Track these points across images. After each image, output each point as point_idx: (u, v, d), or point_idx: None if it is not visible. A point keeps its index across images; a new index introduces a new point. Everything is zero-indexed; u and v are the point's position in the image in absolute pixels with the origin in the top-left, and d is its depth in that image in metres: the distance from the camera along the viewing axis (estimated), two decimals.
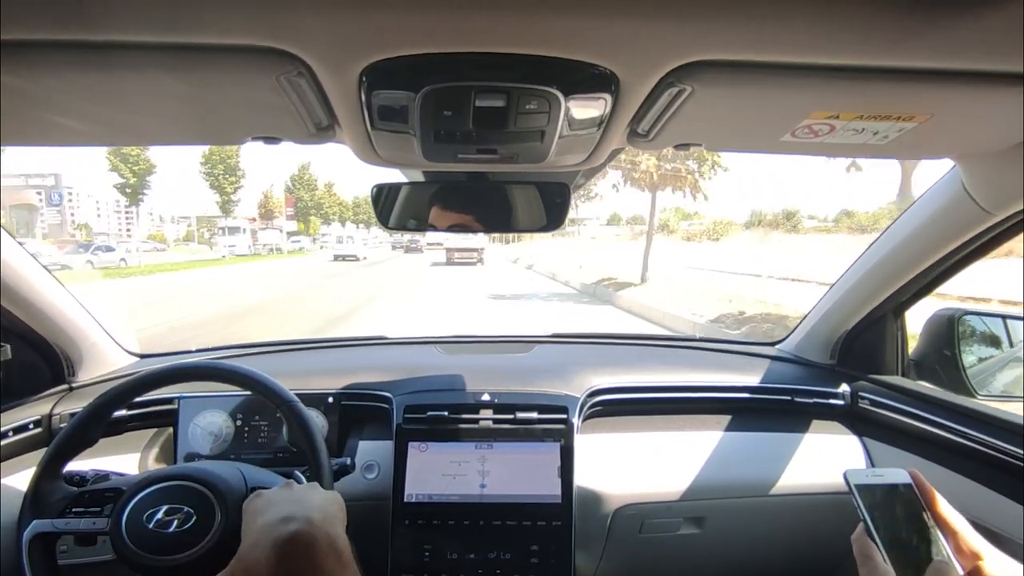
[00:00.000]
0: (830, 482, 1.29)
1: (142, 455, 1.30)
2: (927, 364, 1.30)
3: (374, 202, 1.05)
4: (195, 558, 0.83)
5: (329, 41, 0.53)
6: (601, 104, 0.65)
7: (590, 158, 0.86)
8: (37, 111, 0.67)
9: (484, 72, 0.59)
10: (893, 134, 0.73)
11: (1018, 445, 1.01)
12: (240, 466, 0.96)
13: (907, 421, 1.24)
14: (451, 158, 0.82)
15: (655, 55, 0.56)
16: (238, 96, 0.65)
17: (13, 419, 1.21)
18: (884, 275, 1.25)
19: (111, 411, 0.96)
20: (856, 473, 0.63)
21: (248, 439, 1.32)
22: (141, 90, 0.63)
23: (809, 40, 0.54)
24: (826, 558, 1.38)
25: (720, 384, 1.43)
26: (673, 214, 15.45)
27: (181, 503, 0.87)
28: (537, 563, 1.16)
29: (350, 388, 1.36)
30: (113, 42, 0.54)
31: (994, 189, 0.93)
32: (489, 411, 1.26)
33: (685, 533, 1.31)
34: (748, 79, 0.60)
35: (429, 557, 1.17)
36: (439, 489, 1.20)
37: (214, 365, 1.02)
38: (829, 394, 1.40)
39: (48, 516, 0.86)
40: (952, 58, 0.56)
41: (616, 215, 75.30)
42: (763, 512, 1.33)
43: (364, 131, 0.74)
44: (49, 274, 1.24)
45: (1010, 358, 1.31)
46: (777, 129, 0.75)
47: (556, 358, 1.54)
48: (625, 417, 1.39)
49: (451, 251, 24.01)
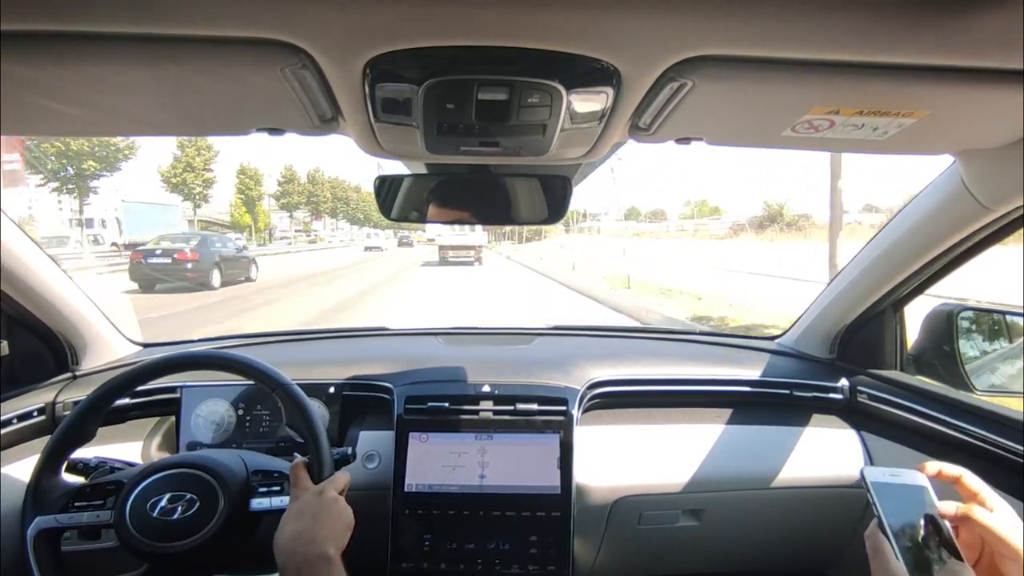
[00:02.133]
0: (828, 476, 1.30)
1: (145, 443, 1.31)
2: (926, 359, 1.31)
3: (377, 194, 1.05)
4: (200, 543, 0.84)
5: (334, 34, 0.54)
6: (603, 98, 0.66)
7: (591, 151, 0.86)
8: (40, 100, 0.67)
9: (487, 66, 0.59)
10: (893, 130, 0.73)
11: (1016, 440, 1.02)
12: (241, 453, 0.98)
13: (905, 416, 1.25)
14: (454, 150, 0.82)
15: (656, 50, 0.57)
16: (242, 88, 0.66)
17: (17, 407, 1.22)
18: (883, 270, 1.25)
19: (111, 402, 0.96)
20: (874, 471, 0.63)
21: (250, 428, 1.33)
22: (145, 81, 0.64)
23: (810, 36, 0.54)
24: (823, 550, 1.40)
25: (720, 377, 1.44)
26: (697, 209, 13.76)
27: (184, 490, 0.88)
28: (536, 553, 1.18)
29: (352, 379, 1.37)
30: (117, 33, 0.54)
31: (993, 185, 0.93)
32: (489, 402, 1.27)
33: (683, 525, 1.32)
34: (749, 74, 0.61)
35: (429, 547, 1.18)
36: (439, 479, 1.21)
37: (211, 353, 1.03)
38: (828, 388, 1.41)
39: (51, 512, 0.87)
40: (952, 55, 0.57)
41: (634, 209, 73.15)
42: (761, 505, 1.34)
43: (368, 123, 0.74)
44: (53, 262, 1.25)
45: (1008, 354, 1.32)
46: (778, 124, 0.75)
47: (556, 350, 1.55)
48: (625, 409, 1.40)
49: (445, 249, 21.00)
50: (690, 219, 35.33)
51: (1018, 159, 0.83)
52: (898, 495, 0.61)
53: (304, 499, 0.83)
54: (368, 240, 45.75)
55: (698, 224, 33.67)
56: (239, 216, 43.63)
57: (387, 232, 61.00)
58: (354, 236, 64.35)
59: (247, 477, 0.93)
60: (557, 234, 37.68)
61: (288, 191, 51.42)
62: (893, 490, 0.61)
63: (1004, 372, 1.30)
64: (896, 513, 0.59)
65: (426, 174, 1.06)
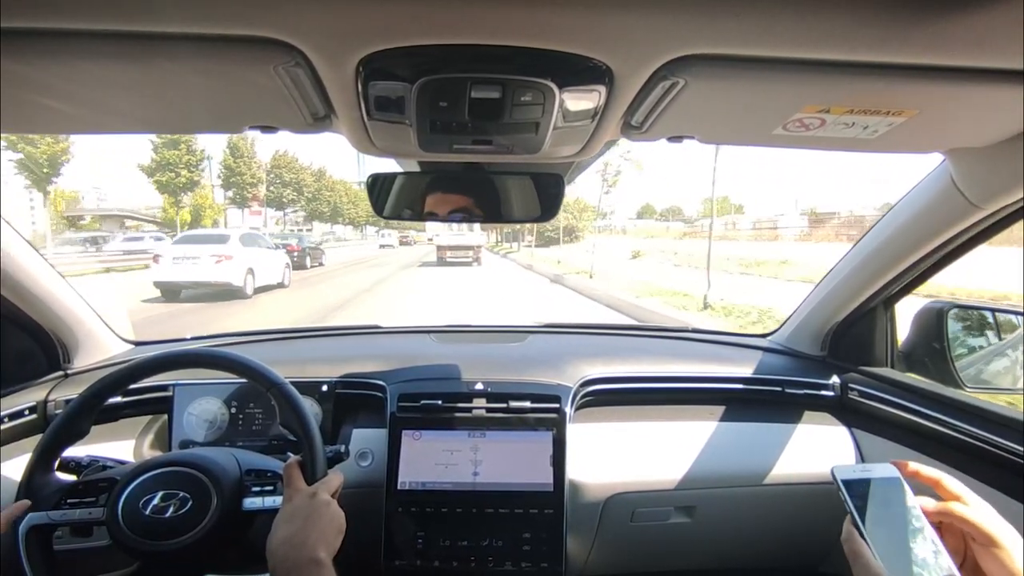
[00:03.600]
0: (820, 472, 1.31)
1: (137, 442, 1.31)
2: (916, 356, 1.32)
3: (369, 192, 1.05)
4: (193, 541, 0.84)
5: (327, 32, 0.54)
6: (595, 96, 0.66)
7: (584, 149, 0.87)
8: (37, 98, 0.67)
9: (480, 64, 0.60)
10: (883, 128, 0.74)
11: (1005, 437, 1.03)
12: (234, 451, 0.97)
13: (896, 412, 1.26)
14: (447, 148, 0.83)
15: (648, 49, 0.57)
16: (236, 85, 0.66)
17: (9, 405, 1.22)
18: (874, 268, 1.26)
19: (103, 400, 0.96)
20: (843, 469, 0.62)
21: (243, 427, 1.32)
22: (139, 78, 0.64)
23: (801, 35, 0.54)
24: (814, 546, 1.41)
25: (712, 375, 1.44)
26: (719, 206, 11.89)
27: (177, 488, 0.88)
28: (529, 550, 1.18)
29: (344, 376, 1.37)
30: (112, 31, 0.54)
31: (982, 183, 0.94)
32: (482, 400, 1.27)
33: (676, 522, 1.33)
34: (740, 73, 0.61)
35: (422, 544, 1.18)
36: (432, 477, 1.21)
37: (204, 352, 1.03)
38: (819, 385, 1.42)
39: (43, 508, 0.87)
40: (941, 54, 0.57)
41: (649, 206, 70.55)
42: (753, 502, 1.34)
43: (361, 121, 0.74)
44: (45, 261, 1.25)
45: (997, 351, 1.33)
46: (769, 123, 0.75)
47: (549, 348, 1.56)
48: (617, 407, 1.40)
49: (442, 249, 20.95)
50: (705, 217, 32.12)
51: (1007, 157, 0.84)
52: (872, 491, 0.60)
53: (296, 501, 0.83)
54: (382, 239, 53.02)
55: (729, 223, 29.45)
56: (168, 209, 33.77)
57: (388, 232, 62.10)
58: (350, 237, 67.26)
59: (240, 476, 0.92)
60: (591, 232, 32.83)
61: (280, 181, 45.69)
62: (866, 486, 0.60)
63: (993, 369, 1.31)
64: (871, 510, 0.58)
65: (419, 172, 1.06)
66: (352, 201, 59.24)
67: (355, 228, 65.71)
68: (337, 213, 57.09)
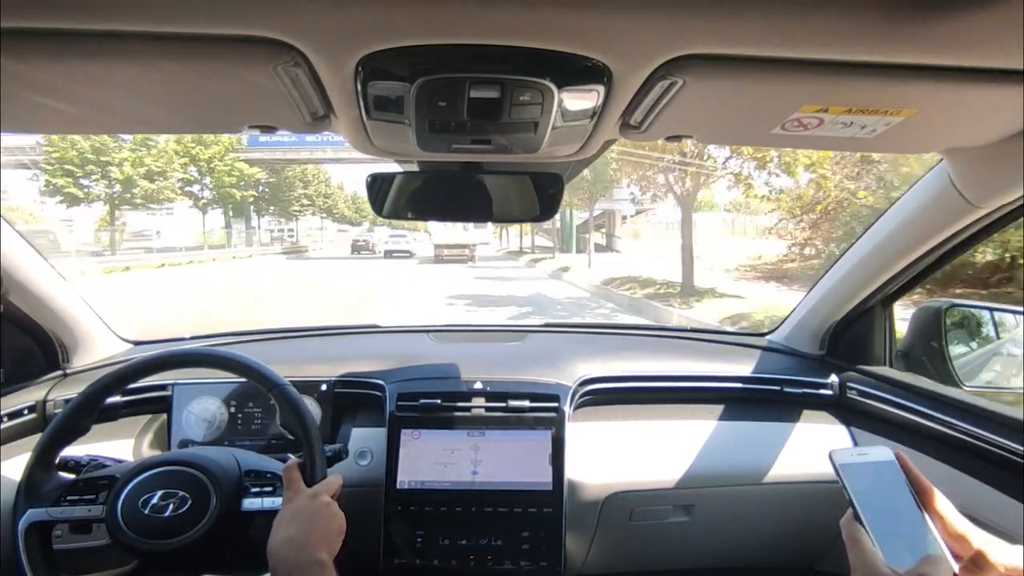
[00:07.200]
0: (818, 471, 1.31)
1: (136, 441, 1.31)
2: (915, 355, 1.32)
3: (369, 191, 1.05)
4: (191, 541, 0.84)
5: (326, 32, 0.54)
6: (594, 96, 0.66)
7: (583, 149, 0.87)
8: (36, 98, 0.67)
9: (479, 64, 0.60)
10: (881, 128, 0.74)
11: (1003, 435, 1.03)
12: (234, 451, 0.97)
13: (894, 411, 1.26)
14: (446, 148, 0.83)
15: (647, 48, 0.57)
16: (235, 85, 0.66)
17: (8, 405, 1.22)
18: (873, 267, 1.26)
19: (103, 399, 0.96)
20: (841, 453, 0.62)
21: (242, 426, 1.32)
22: (138, 78, 0.64)
23: (799, 35, 0.54)
24: (813, 545, 1.41)
25: (710, 374, 1.44)
26: (745, 195, 10.47)
27: (176, 488, 0.88)
28: (528, 549, 1.18)
29: (343, 376, 1.37)
30: (112, 31, 0.54)
31: (980, 183, 0.94)
32: (481, 399, 1.27)
33: (674, 520, 1.33)
34: (739, 73, 0.61)
35: (421, 543, 1.18)
36: (431, 476, 1.21)
37: (205, 351, 1.03)
38: (818, 384, 1.42)
39: (43, 505, 0.87)
40: (939, 54, 0.57)
41: None
42: (751, 500, 1.35)
43: (359, 121, 0.74)
44: (44, 260, 1.24)
45: (995, 350, 1.33)
46: (767, 122, 0.75)
47: (548, 347, 1.56)
48: (616, 406, 1.40)
49: (440, 247, 22.11)
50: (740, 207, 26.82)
51: (1005, 157, 0.84)
52: (869, 475, 0.60)
53: (297, 503, 0.83)
54: (392, 241, 54.74)
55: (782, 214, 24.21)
56: None
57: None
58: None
59: (240, 476, 0.93)
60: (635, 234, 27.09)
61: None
62: (864, 470, 0.61)
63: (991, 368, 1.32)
64: (869, 495, 0.59)
65: (418, 171, 1.06)
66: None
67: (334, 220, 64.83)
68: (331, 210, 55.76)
